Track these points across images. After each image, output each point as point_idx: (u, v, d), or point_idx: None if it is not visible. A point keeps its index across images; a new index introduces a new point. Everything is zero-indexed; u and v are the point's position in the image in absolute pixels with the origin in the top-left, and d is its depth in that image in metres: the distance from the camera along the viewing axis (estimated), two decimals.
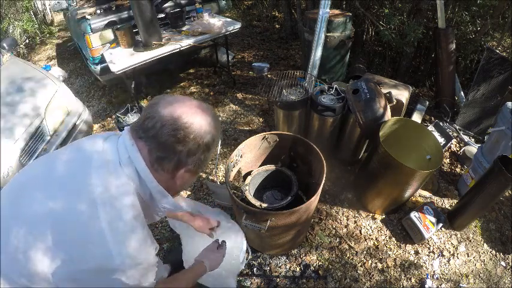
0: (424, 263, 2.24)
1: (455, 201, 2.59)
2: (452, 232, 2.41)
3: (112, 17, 3.32)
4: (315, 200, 1.84)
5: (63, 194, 0.81)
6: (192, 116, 0.84)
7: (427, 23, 3.41)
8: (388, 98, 2.39)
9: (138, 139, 0.85)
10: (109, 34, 3.39)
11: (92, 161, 0.85)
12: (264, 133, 2.19)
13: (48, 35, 7.12)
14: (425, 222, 2.27)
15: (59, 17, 8.18)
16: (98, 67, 3.41)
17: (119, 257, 0.79)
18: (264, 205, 2.04)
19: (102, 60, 3.36)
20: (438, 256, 2.28)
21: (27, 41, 6.50)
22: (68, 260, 0.78)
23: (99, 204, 0.79)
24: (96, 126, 3.85)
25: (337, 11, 3.38)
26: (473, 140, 3.12)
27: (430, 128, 3.11)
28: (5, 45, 3.39)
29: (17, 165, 2.43)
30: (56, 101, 2.87)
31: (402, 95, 2.66)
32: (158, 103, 0.86)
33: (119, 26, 3.32)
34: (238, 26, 3.64)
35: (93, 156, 0.85)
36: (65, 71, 5.00)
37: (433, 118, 3.38)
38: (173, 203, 0.95)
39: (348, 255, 2.31)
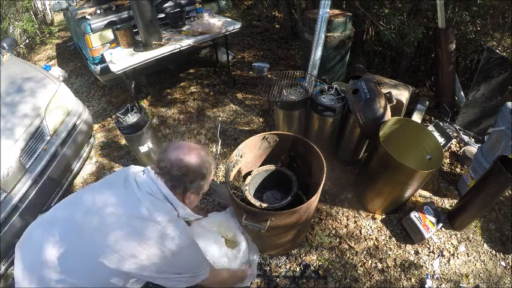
0: (424, 263, 2.24)
1: (455, 201, 2.59)
2: (452, 232, 2.40)
3: (112, 17, 3.33)
4: (315, 200, 1.84)
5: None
6: (190, 156, 1.29)
7: (427, 23, 3.41)
8: (388, 98, 2.39)
9: (157, 175, 1.27)
10: (109, 34, 3.39)
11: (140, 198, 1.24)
12: (264, 133, 2.19)
13: (48, 35, 7.14)
14: (425, 222, 2.27)
15: (59, 17, 8.20)
16: (98, 67, 3.41)
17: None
18: (264, 205, 2.04)
19: (102, 60, 3.36)
20: (438, 256, 2.27)
21: (27, 41, 6.51)
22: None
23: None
24: (96, 126, 3.86)
25: (337, 11, 3.37)
26: (473, 140, 3.12)
27: (430, 128, 3.11)
28: (5, 45, 3.39)
29: (17, 165, 2.43)
30: (56, 101, 2.86)
31: (402, 95, 2.66)
32: (167, 150, 1.30)
33: (118, 26, 3.32)
34: (238, 26, 3.64)
35: (138, 194, 1.24)
36: (65, 71, 5.02)
37: (433, 118, 3.38)
38: (190, 213, 1.40)
39: (348, 255, 2.31)
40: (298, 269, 2.26)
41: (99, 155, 3.49)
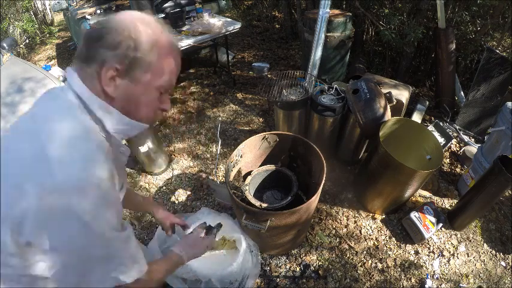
0: (424, 263, 2.24)
1: (455, 201, 2.59)
2: (452, 232, 2.41)
3: None
4: (315, 200, 1.84)
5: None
6: (115, 16, 0.81)
7: (427, 23, 3.41)
8: (388, 98, 2.39)
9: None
10: None
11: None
12: (264, 133, 2.19)
13: (48, 35, 7.13)
14: (425, 222, 2.27)
15: (59, 17, 8.19)
16: None
17: None
18: (264, 205, 2.04)
19: None
20: (438, 256, 2.27)
21: (27, 41, 6.51)
22: None
23: None
24: None
25: (337, 11, 3.37)
26: (473, 140, 3.12)
27: (430, 128, 3.12)
28: (5, 45, 3.39)
29: None
30: None
31: (402, 95, 2.66)
32: None
33: None
34: (238, 26, 3.65)
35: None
36: (65, 71, 5.01)
37: (433, 118, 3.39)
38: (125, 120, 0.84)
39: (348, 255, 2.31)
40: (298, 269, 2.26)
41: None
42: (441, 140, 3.00)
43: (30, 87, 2.84)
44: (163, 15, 3.62)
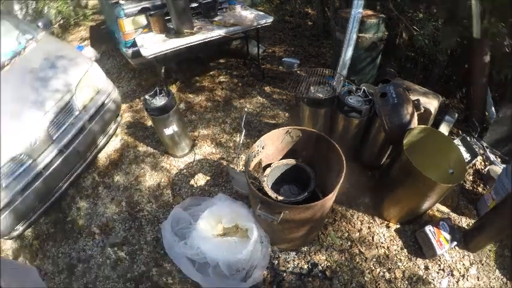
0: (433, 279, 2.19)
1: (473, 220, 2.52)
2: (465, 252, 2.33)
3: (145, 4, 3.40)
4: (330, 198, 1.84)
5: None
6: None
7: (463, 31, 3.30)
8: (416, 105, 2.34)
9: None
10: (142, 19, 3.46)
11: None
12: (288, 127, 2.21)
13: (82, 18, 7.33)
14: (439, 238, 2.22)
15: (93, 1, 8.39)
16: (130, 50, 3.49)
17: None
18: (280, 198, 2.06)
19: (134, 44, 3.44)
20: (448, 275, 2.22)
21: (61, 21, 6.69)
22: None
23: None
24: (124, 106, 3.97)
25: (370, 12, 3.32)
26: (499, 159, 3.00)
27: (457, 141, 3.03)
28: (40, 24, 3.52)
29: (45, 135, 2.56)
30: (87, 79, 2.98)
31: (431, 103, 2.61)
32: None
33: (152, 13, 3.38)
34: (270, 19, 3.64)
35: None
36: (97, 52, 5.16)
37: (460, 132, 3.29)
38: None
39: (357, 260, 2.30)
40: (306, 266, 2.28)
41: (124, 133, 3.61)
42: (466, 156, 2.91)
43: (63, 64, 2.96)
44: (196, 5, 3.66)
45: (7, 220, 2.44)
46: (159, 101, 2.72)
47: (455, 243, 2.26)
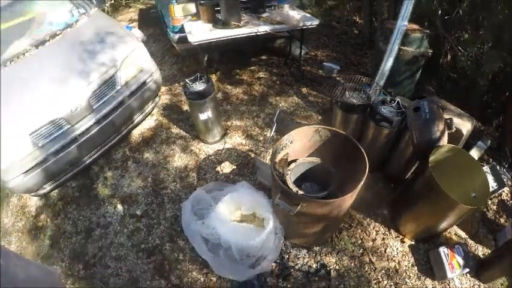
0: None
1: (490, 251, 2.46)
2: (476, 282, 2.26)
3: None
4: (348, 198, 1.88)
5: None
6: None
7: (507, 57, 3.20)
8: (448, 124, 2.32)
9: None
10: (192, 7, 3.60)
11: None
12: (318, 126, 2.26)
13: (133, 0, 7.61)
14: (452, 261, 2.19)
15: None
16: (177, 36, 3.66)
17: None
18: (301, 192, 2.13)
19: (182, 30, 3.60)
20: None
21: (113, 1, 6.99)
22: None
23: None
24: (163, 89, 4.15)
25: (415, 26, 3.29)
26: None
27: (486, 168, 2.94)
28: (94, 0, 3.72)
29: (86, 104, 2.73)
30: (132, 57, 3.13)
31: (464, 125, 2.57)
32: None
33: (202, 2, 3.52)
34: (316, 22, 3.67)
35: None
36: (144, 34, 5.39)
37: (491, 160, 3.20)
38: None
39: (366, 269, 2.31)
40: (314, 265, 2.31)
41: (160, 114, 3.79)
42: (493, 185, 2.83)
43: (112, 40, 3.11)
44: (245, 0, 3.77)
45: (37, 177, 2.62)
46: (199, 86, 2.85)
47: (467, 270, 2.20)
